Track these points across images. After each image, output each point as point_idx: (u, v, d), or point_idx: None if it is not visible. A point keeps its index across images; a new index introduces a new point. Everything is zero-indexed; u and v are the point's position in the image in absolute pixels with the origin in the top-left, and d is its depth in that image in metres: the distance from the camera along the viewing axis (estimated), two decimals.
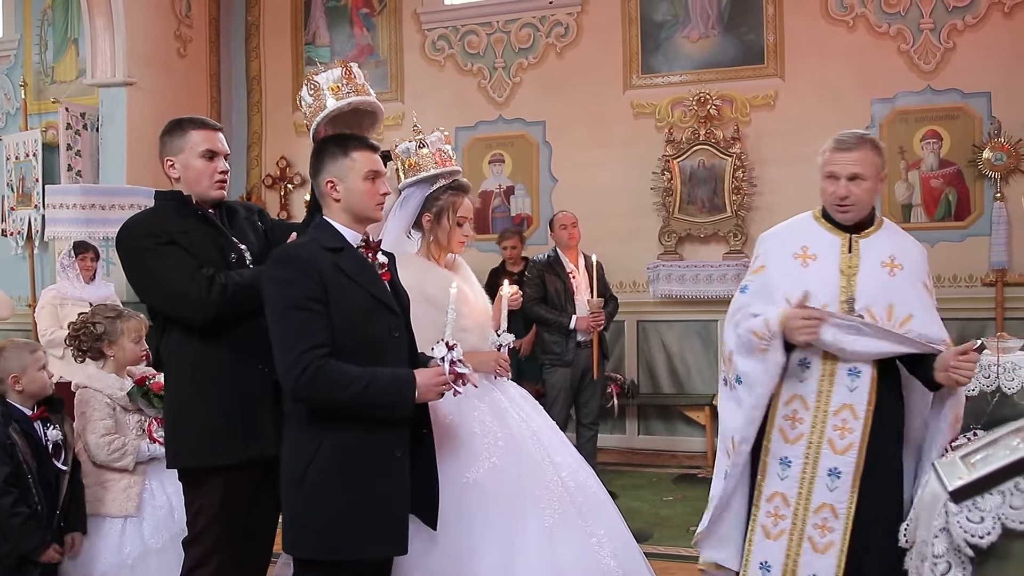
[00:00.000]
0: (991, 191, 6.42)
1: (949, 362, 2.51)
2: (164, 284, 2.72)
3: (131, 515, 3.34)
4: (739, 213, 6.86)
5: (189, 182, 2.82)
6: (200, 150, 2.81)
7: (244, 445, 2.73)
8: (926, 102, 6.60)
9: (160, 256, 2.71)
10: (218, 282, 2.66)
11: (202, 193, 2.83)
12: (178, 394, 2.83)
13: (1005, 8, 6.44)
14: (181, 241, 2.72)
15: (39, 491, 3.07)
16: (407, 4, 7.89)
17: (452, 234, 3.02)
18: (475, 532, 2.70)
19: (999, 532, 1.70)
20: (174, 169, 2.83)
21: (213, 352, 2.74)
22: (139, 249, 2.76)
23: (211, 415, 2.73)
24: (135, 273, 2.81)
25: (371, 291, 2.45)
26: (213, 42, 8.28)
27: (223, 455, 2.73)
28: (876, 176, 2.76)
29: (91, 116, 7.58)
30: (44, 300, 5.90)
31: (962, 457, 1.99)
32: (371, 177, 2.50)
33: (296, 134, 8.20)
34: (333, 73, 2.83)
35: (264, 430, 2.71)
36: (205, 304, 2.66)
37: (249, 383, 2.73)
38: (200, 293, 2.65)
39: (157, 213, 2.85)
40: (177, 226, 2.76)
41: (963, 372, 2.47)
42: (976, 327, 6.29)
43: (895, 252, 2.78)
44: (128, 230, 2.81)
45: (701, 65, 7.08)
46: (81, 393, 3.39)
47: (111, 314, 3.46)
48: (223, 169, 2.87)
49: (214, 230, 2.83)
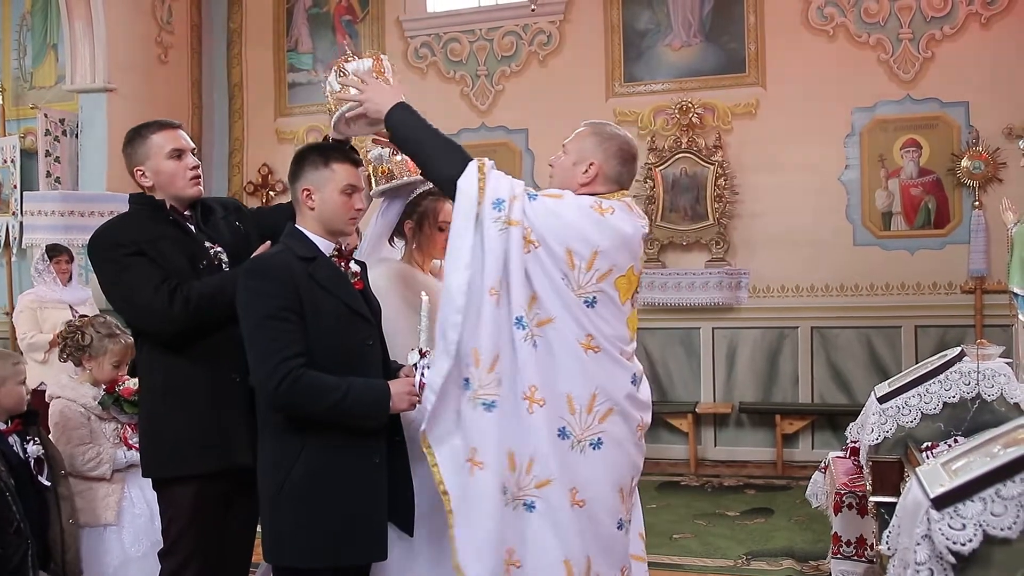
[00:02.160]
0: (970, 199, 6.48)
1: None
2: (129, 297, 2.68)
3: (111, 523, 3.31)
4: (721, 221, 6.89)
5: (163, 186, 2.77)
6: (166, 151, 2.76)
7: (216, 455, 2.69)
8: (905, 111, 6.66)
9: (125, 268, 2.66)
10: (181, 295, 2.61)
11: (178, 193, 2.78)
12: (151, 404, 2.79)
13: (982, 19, 6.52)
14: (149, 251, 2.67)
15: (19, 507, 2.99)
16: (390, 11, 7.89)
17: (434, 240, 3.01)
18: None
19: (981, 539, 1.71)
20: (145, 178, 2.78)
21: (185, 363, 2.70)
22: (105, 260, 2.72)
23: (182, 425, 2.69)
24: (103, 285, 2.78)
25: (345, 300, 2.45)
26: (195, 48, 8.23)
27: (194, 465, 2.69)
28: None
29: (70, 122, 7.53)
30: (23, 304, 5.82)
31: (943, 464, 1.99)
32: (348, 191, 2.50)
33: (278, 141, 8.17)
34: (364, 63, 2.75)
35: (237, 440, 2.67)
36: (169, 318, 2.62)
37: (221, 392, 2.69)
38: (163, 307, 2.60)
39: (128, 220, 2.80)
40: (147, 233, 2.71)
41: None
42: (956, 334, 6.36)
43: None
44: (97, 239, 2.77)
45: (683, 74, 7.12)
46: (55, 404, 3.37)
47: (104, 331, 3.44)
48: (194, 165, 2.81)
49: (186, 236, 2.79)
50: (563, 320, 2.44)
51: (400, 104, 2.55)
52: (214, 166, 8.23)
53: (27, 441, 3.11)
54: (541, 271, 2.43)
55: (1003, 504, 1.72)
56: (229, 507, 2.79)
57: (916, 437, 3.07)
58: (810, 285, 6.84)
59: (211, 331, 2.67)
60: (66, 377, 3.46)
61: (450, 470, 2.44)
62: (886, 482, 3.02)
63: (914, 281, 6.65)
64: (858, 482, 3.45)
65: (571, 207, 2.49)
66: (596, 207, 2.49)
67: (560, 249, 2.43)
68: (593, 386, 2.45)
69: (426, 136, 2.52)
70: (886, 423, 3.15)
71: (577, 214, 2.47)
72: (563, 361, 2.44)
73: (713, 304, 6.85)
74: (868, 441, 3.19)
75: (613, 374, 2.49)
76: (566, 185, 2.61)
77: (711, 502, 5.80)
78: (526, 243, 2.43)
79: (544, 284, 2.43)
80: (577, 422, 2.44)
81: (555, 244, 2.43)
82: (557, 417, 2.43)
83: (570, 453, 2.44)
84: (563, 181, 2.63)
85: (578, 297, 2.44)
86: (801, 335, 6.83)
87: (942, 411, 3.10)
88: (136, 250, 2.66)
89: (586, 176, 2.59)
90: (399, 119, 2.54)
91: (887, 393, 3.22)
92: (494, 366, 2.42)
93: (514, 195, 2.44)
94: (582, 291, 2.44)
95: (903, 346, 6.61)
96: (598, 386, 2.45)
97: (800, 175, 6.76)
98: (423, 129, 2.53)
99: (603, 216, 2.48)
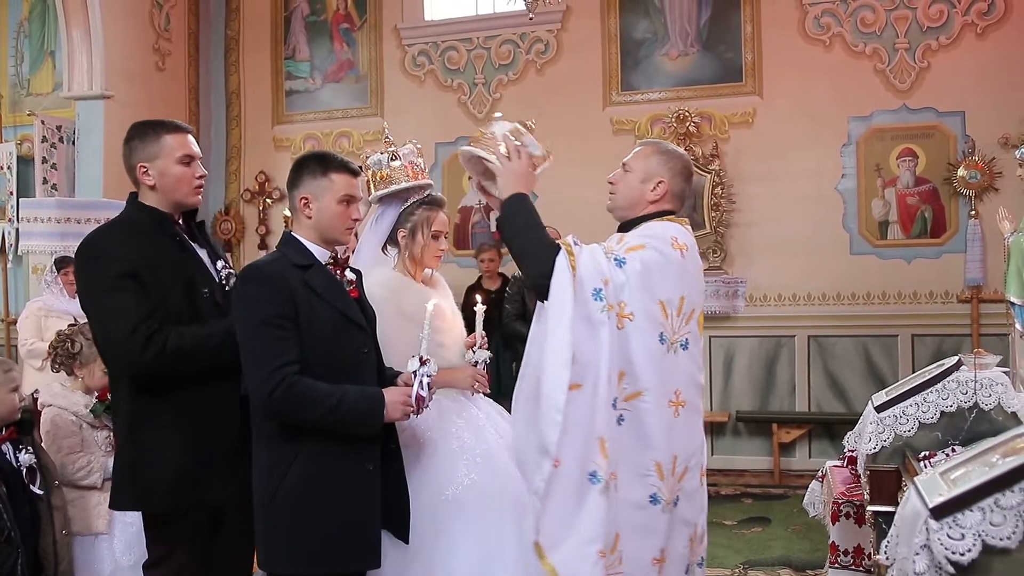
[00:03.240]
0: (966, 209, 6.49)
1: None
2: (104, 325, 2.57)
3: (102, 533, 3.30)
4: (718, 230, 6.89)
5: (166, 190, 2.67)
6: (177, 155, 2.67)
7: (187, 494, 2.60)
8: (902, 120, 6.68)
9: (111, 290, 2.52)
10: (156, 343, 2.49)
11: (181, 199, 2.70)
12: (122, 438, 2.69)
13: (978, 29, 6.54)
14: (143, 274, 2.54)
15: (9, 515, 2.96)
16: (387, 19, 7.89)
17: (427, 249, 3.01)
18: (454, 547, 2.70)
19: (980, 549, 1.70)
20: (148, 176, 2.66)
21: (156, 398, 2.60)
22: (95, 273, 2.59)
23: (154, 461, 2.59)
24: (82, 292, 2.66)
25: (340, 308, 2.45)
26: (192, 56, 8.24)
27: (162, 503, 2.61)
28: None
29: (67, 129, 7.52)
30: (29, 311, 5.83)
31: (942, 474, 1.98)
32: (346, 201, 2.50)
33: (275, 149, 8.17)
34: (504, 127, 2.64)
35: (210, 478, 2.61)
36: (138, 365, 2.52)
37: (201, 432, 2.60)
38: (135, 351, 2.49)
39: (129, 230, 2.65)
40: (146, 252, 2.58)
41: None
42: (952, 343, 6.36)
43: None
44: (91, 245, 2.64)
45: (680, 82, 7.14)
46: (47, 412, 3.36)
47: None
48: (202, 174, 2.75)
49: (184, 253, 2.68)
50: (651, 393, 2.47)
51: (521, 195, 2.56)
52: (211, 173, 8.18)
53: (20, 450, 3.08)
54: (639, 342, 2.45)
55: (1002, 514, 1.71)
56: (219, 526, 2.72)
57: (914, 446, 3.06)
58: (807, 294, 6.84)
59: (186, 380, 2.58)
60: (58, 385, 3.45)
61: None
62: (884, 491, 3.01)
63: (911, 290, 6.66)
64: (855, 491, 3.44)
65: (657, 256, 2.50)
66: (674, 243, 2.54)
67: (655, 307, 2.47)
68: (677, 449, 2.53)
69: (527, 231, 2.51)
70: (883, 432, 3.14)
71: (663, 263, 2.50)
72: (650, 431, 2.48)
73: (710, 313, 6.84)
74: (865, 450, 3.18)
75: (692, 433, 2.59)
76: (633, 202, 2.68)
77: (708, 511, 5.77)
78: (619, 319, 2.44)
79: (639, 354, 2.45)
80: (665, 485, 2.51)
81: (649, 303, 2.46)
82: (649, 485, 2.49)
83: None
84: (630, 199, 2.69)
85: (670, 348, 2.50)
86: (798, 344, 6.83)
87: (939, 420, 3.09)
88: (130, 270, 2.53)
89: (655, 194, 2.66)
90: (513, 207, 2.53)
91: (884, 402, 3.21)
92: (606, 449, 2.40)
93: (606, 277, 2.43)
94: (676, 336, 2.51)
95: (900, 355, 6.61)
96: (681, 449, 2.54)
97: (797, 184, 6.77)
98: (528, 225, 2.52)
99: (683, 258, 2.54)
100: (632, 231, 2.63)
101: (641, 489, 2.47)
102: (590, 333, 2.39)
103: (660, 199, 2.66)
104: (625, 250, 2.50)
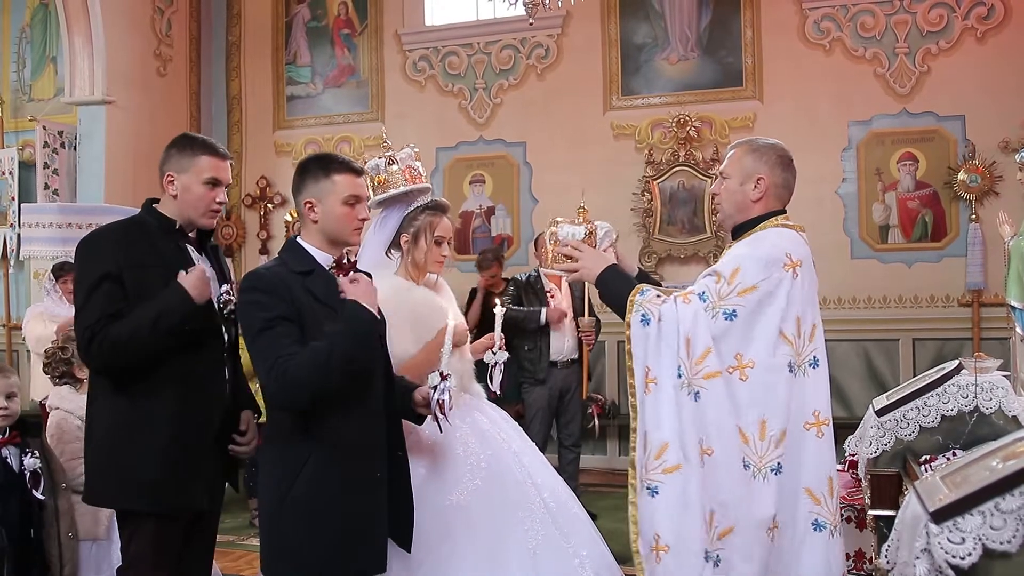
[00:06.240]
0: (966, 213, 6.49)
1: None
2: (76, 315, 2.68)
3: (100, 539, 3.30)
4: (719, 234, 6.89)
5: (185, 205, 2.74)
6: (205, 177, 2.73)
7: (173, 496, 2.63)
8: (902, 125, 6.68)
9: (90, 290, 2.62)
10: (97, 339, 2.57)
11: (193, 219, 2.77)
12: (107, 436, 2.70)
13: (978, 34, 6.55)
14: (128, 277, 2.61)
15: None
16: (388, 24, 7.91)
17: (430, 254, 3.01)
18: (459, 554, 2.69)
19: (980, 553, 1.70)
20: (173, 186, 2.74)
21: (131, 398, 2.64)
22: (81, 274, 2.69)
23: (135, 463, 2.61)
24: (75, 280, 2.77)
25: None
26: (193, 61, 8.25)
27: (148, 504, 2.63)
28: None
29: (69, 134, 7.53)
30: (31, 314, 5.84)
31: (942, 477, 1.99)
32: (351, 202, 2.49)
33: (277, 154, 8.18)
34: (578, 231, 2.74)
35: (194, 483, 2.65)
36: (89, 362, 2.70)
37: (184, 435, 2.63)
38: (82, 347, 2.64)
39: (128, 232, 2.72)
40: (138, 254, 2.65)
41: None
42: (953, 347, 6.36)
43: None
44: (90, 243, 2.72)
45: (680, 87, 7.15)
46: (53, 415, 3.37)
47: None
48: (222, 200, 2.80)
49: (182, 255, 2.73)
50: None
51: (611, 267, 2.64)
52: None
53: (25, 453, 3.05)
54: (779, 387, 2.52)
55: (1002, 518, 1.71)
56: (187, 541, 2.74)
57: (914, 450, 3.06)
58: None
59: (160, 366, 2.62)
60: (67, 388, 3.45)
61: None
62: (884, 495, 3.01)
63: (911, 294, 6.65)
64: (856, 495, 3.45)
65: (767, 296, 2.50)
66: (788, 262, 2.53)
67: (775, 336, 2.50)
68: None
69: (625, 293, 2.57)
70: (884, 436, 3.15)
71: (773, 296, 2.49)
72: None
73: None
74: (866, 454, 3.18)
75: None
76: (738, 206, 2.68)
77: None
78: (740, 370, 2.49)
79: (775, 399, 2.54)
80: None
81: (772, 333, 2.49)
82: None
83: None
84: (734, 204, 2.69)
85: (799, 368, 2.55)
86: None
87: (940, 424, 3.09)
88: (113, 271, 2.61)
89: (757, 192, 2.65)
90: (607, 280, 2.62)
91: (885, 406, 3.21)
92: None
93: (708, 348, 2.47)
94: (802, 359, 2.56)
95: (901, 359, 6.61)
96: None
97: (797, 188, 6.65)
98: (622, 288, 2.59)
99: (796, 277, 2.52)
100: (741, 240, 2.64)
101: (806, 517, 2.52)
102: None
103: (764, 196, 2.65)
104: (738, 293, 2.50)
